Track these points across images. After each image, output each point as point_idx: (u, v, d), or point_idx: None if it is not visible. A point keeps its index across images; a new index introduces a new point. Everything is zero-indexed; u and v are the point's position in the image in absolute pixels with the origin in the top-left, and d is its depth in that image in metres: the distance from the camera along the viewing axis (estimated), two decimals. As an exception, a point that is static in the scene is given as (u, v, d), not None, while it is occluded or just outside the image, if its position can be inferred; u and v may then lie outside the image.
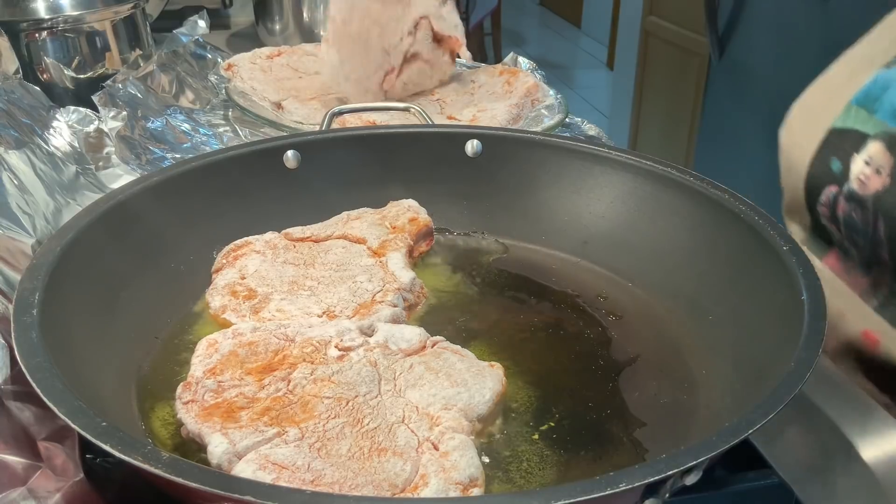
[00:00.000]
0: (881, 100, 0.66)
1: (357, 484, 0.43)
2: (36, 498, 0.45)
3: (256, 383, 0.51)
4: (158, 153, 0.90)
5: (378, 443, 0.46)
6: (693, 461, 0.38)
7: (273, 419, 0.47)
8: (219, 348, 0.54)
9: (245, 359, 0.53)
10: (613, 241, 0.70)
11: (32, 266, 0.52)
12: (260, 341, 0.54)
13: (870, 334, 0.66)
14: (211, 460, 0.45)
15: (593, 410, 0.54)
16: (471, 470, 0.45)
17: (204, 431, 0.47)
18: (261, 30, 1.43)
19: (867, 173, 0.65)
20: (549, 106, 1.03)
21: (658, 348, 0.61)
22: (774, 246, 0.56)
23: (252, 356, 0.53)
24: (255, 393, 0.50)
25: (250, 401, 0.49)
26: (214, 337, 0.55)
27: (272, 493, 0.36)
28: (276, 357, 0.53)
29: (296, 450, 0.45)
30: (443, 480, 0.43)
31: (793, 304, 0.51)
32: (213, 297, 0.62)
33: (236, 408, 0.48)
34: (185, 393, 0.50)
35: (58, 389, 0.41)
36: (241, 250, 0.66)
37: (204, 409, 0.49)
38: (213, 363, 0.53)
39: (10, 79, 0.84)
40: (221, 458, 0.45)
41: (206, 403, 0.49)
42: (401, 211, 0.72)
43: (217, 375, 0.51)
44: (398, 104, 0.97)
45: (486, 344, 0.61)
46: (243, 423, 0.47)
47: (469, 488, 0.44)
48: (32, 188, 0.71)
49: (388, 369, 0.52)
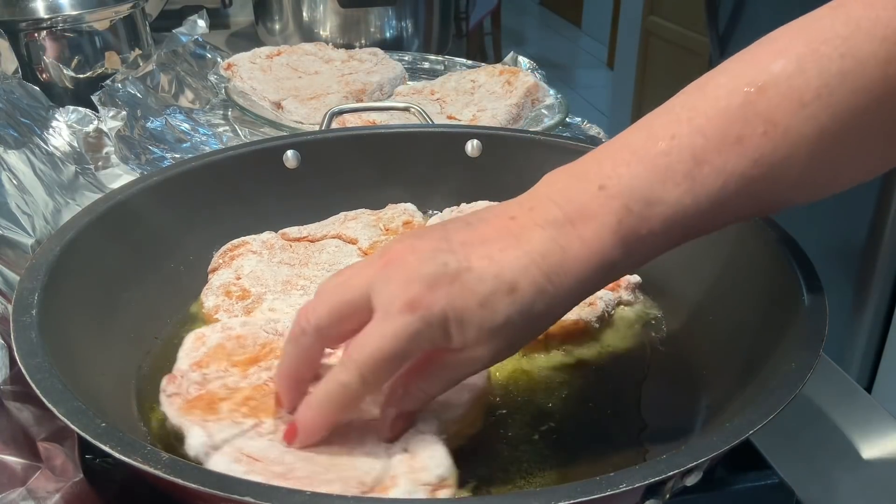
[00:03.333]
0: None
1: (326, 480, 0.43)
2: (35, 498, 0.45)
3: (241, 374, 0.51)
4: (158, 153, 0.90)
5: (350, 440, 0.46)
6: (694, 462, 0.38)
7: (252, 409, 0.48)
8: (206, 342, 0.54)
9: (232, 352, 0.53)
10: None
11: (32, 266, 0.52)
12: (248, 335, 0.54)
13: None
14: (188, 452, 0.45)
15: (593, 411, 0.54)
16: (439, 471, 0.44)
17: (185, 425, 0.47)
18: (260, 30, 1.43)
19: None
20: (549, 106, 1.03)
21: (658, 349, 0.61)
22: (774, 246, 0.56)
23: (239, 349, 0.53)
24: (237, 383, 0.50)
25: (232, 391, 0.49)
26: (202, 331, 0.55)
27: (272, 494, 0.36)
28: (262, 350, 0.53)
29: (269, 443, 0.45)
30: (411, 481, 0.43)
31: (793, 304, 0.51)
32: (208, 296, 0.62)
33: (218, 399, 0.49)
34: (170, 386, 0.50)
35: (57, 390, 0.41)
36: (237, 250, 0.66)
37: (187, 402, 0.49)
38: (199, 356, 0.53)
39: (9, 79, 0.84)
40: (199, 451, 0.45)
41: (190, 396, 0.49)
42: (397, 213, 0.72)
43: (203, 368, 0.51)
44: (398, 104, 0.97)
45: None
46: (222, 415, 0.47)
47: (438, 489, 0.44)
48: (32, 188, 0.71)
49: None
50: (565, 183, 0.44)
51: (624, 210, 0.41)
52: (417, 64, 1.28)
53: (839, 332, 1.55)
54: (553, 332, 0.59)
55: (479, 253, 0.42)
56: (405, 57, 1.28)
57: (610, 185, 0.42)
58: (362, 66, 1.15)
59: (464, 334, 0.42)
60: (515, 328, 0.42)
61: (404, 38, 1.39)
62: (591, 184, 0.43)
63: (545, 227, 0.42)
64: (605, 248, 0.42)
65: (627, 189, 0.42)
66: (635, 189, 0.42)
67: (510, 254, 0.42)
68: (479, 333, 0.42)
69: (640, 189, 0.42)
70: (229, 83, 1.05)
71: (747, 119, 0.40)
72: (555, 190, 0.44)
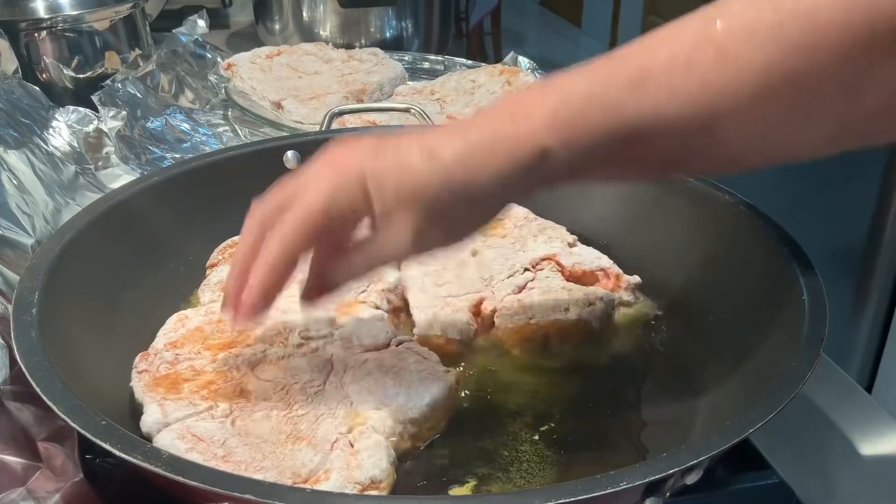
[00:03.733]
0: None
1: (262, 467, 0.44)
2: (35, 498, 0.45)
3: (210, 358, 0.52)
4: (158, 153, 0.89)
5: (299, 431, 0.47)
6: (694, 460, 0.38)
7: (212, 393, 0.49)
8: (186, 324, 0.55)
9: (209, 335, 0.54)
10: (613, 243, 0.70)
11: (32, 266, 0.52)
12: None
13: None
14: (142, 428, 0.46)
15: (593, 411, 0.54)
16: (374, 472, 0.45)
17: (145, 401, 0.48)
18: (260, 29, 1.43)
19: None
20: (549, 106, 1.03)
21: (658, 349, 0.61)
22: (774, 246, 0.56)
23: (217, 333, 0.54)
24: (203, 366, 0.51)
25: (197, 373, 0.50)
26: (186, 312, 0.57)
27: (272, 492, 0.36)
28: (239, 336, 0.54)
29: (218, 425, 0.46)
30: (343, 478, 0.44)
31: (793, 304, 0.51)
32: (205, 292, 0.62)
33: (182, 380, 0.50)
34: (142, 363, 0.51)
35: (57, 388, 0.41)
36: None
37: (154, 379, 0.50)
38: (176, 337, 0.54)
39: (9, 79, 0.84)
40: (151, 428, 0.46)
41: (158, 374, 0.50)
42: None
43: (177, 349, 0.53)
44: (398, 104, 0.96)
45: (484, 344, 0.61)
46: (182, 395, 0.48)
47: (368, 489, 0.44)
48: (32, 188, 0.71)
49: (341, 362, 0.53)
50: (515, 95, 0.45)
51: (561, 103, 0.41)
52: (417, 64, 1.28)
53: (839, 332, 1.55)
54: (553, 332, 0.59)
55: (413, 136, 0.43)
56: (405, 57, 1.28)
57: (552, 87, 0.42)
58: (362, 66, 1.15)
59: (382, 196, 0.42)
60: (437, 202, 0.42)
61: (404, 38, 1.39)
62: (536, 91, 0.43)
63: (483, 124, 0.43)
64: (537, 131, 0.41)
65: (568, 87, 0.42)
66: (576, 88, 0.42)
67: (442, 135, 0.43)
68: (396, 196, 0.42)
69: (580, 88, 0.42)
70: (229, 83, 1.05)
71: (698, 44, 0.40)
72: (503, 102, 0.45)
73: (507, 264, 0.66)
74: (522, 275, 0.64)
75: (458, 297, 0.62)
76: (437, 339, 0.59)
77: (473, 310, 0.61)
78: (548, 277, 0.64)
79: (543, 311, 0.60)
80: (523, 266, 0.65)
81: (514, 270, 0.65)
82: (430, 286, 0.63)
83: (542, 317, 0.59)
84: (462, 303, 0.61)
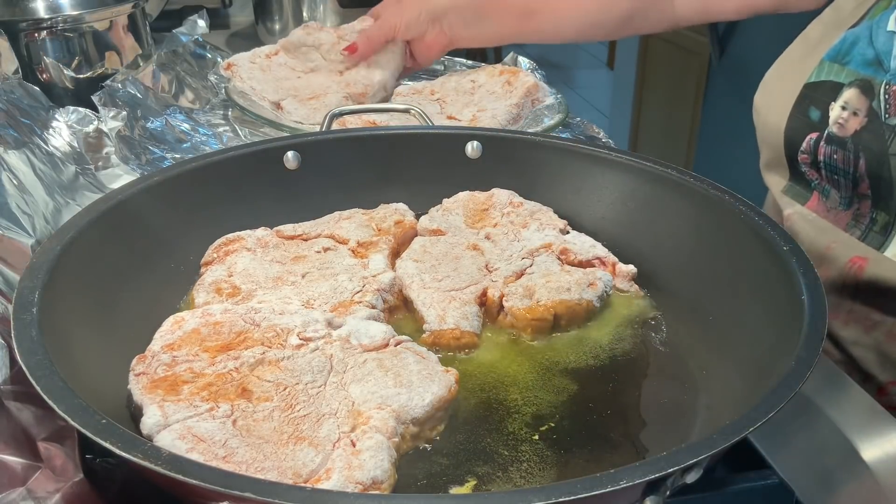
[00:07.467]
0: (851, 53, 0.74)
1: (264, 467, 0.44)
2: (35, 498, 0.45)
3: (209, 360, 0.52)
4: (158, 153, 0.90)
5: (300, 431, 0.47)
6: (693, 459, 0.38)
7: (212, 395, 0.48)
8: (183, 325, 0.55)
9: (206, 337, 0.54)
10: (613, 242, 0.70)
11: (32, 265, 0.52)
12: (226, 322, 0.55)
13: (856, 260, 0.74)
14: (142, 430, 0.46)
15: (593, 411, 0.54)
16: (376, 472, 0.45)
17: (145, 403, 0.48)
18: (260, 29, 1.43)
19: (845, 116, 0.73)
20: (549, 106, 1.03)
21: (658, 349, 0.61)
22: (774, 246, 0.56)
23: (214, 335, 0.54)
24: (203, 368, 0.51)
25: (196, 375, 0.50)
26: (182, 314, 0.56)
27: (272, 491, 0.36)
28: (236, 338, 0.54)
29: (220, 425, 0.46)
30: (344, 478, 0.44)
31: (793, 304, 0.51)
32: (199, 292, 0.62)
33: (181, 381, 0.49)
34: (139, 365, 0.51)
35: (58, 387, 0.41)
36: (232, 245, 0.66)
37: (152, 381, 0.49)
38: (173, 339, 0.54)
39: (9, 79, 0.84)
40: (152, 429, 0.46)
41: (156, 376, 0.50)
42: (388, 213, 0.72)
43: (174, 351, 0.52)
44: (398, 105, 0.96)
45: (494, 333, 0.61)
46: (182, 397, 0.48)
47: (369, 489, 0.44)
48: (32, 188, 0.71)
49: (341, 362, 0.53)
50: None
51: None
52: (417, 64, 1.28)
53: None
54: (562, 311, 0.61)
55: None
56: (405, 57, 1.27)
57: None
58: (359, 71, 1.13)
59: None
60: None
61: (404, 38, 1.39)
62: None
63: None
64: None
65: None
66: None
67: None
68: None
69: None
70: (229, 83, 1.05)
71: None
72: None
73: (504, 255, 0.67)
74: (520, 262, 0.66)
75: (461, 289, 0.63)
76: (452, 333, 0.59)
77: (479, 300, 0.62)
78: (545, 262, 0.66)
79: (548, 292, 0.61)
80: (520, 255, 0.67)
81: (512, 259, 0.67)
82: (431, 282, 0.63)
83: (548, 297, 0.61)
84: (467, 295, 0.62)
